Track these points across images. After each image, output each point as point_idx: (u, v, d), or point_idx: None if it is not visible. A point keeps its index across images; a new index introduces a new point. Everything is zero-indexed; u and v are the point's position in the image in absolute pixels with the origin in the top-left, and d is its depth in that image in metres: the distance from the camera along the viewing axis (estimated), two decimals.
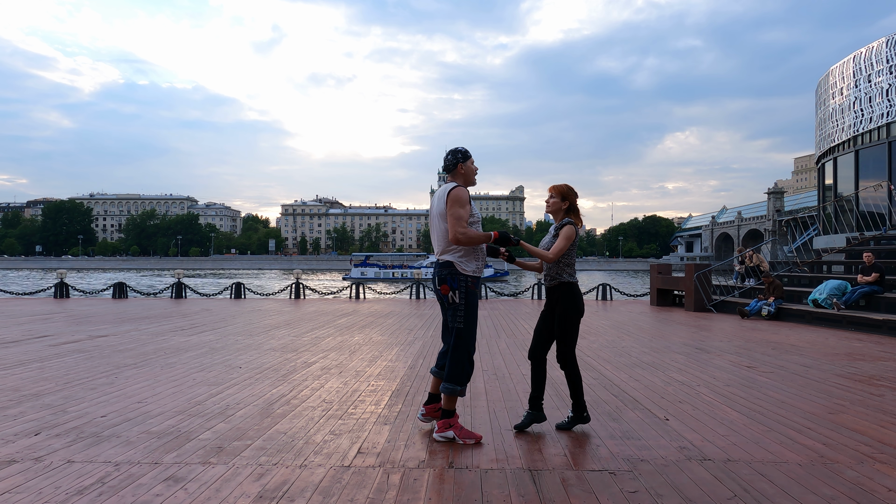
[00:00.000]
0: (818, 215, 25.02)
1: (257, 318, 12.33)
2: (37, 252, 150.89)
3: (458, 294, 4.04)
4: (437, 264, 4.15)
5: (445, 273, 4.06)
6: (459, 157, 4.16)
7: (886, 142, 21.20)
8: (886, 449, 3.94)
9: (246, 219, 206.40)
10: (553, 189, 4.41)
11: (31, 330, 10.04)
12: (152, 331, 10.01)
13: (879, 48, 22.03)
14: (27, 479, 3.28)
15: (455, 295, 4.04)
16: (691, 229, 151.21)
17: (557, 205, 4.36)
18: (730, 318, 13.24)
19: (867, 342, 9.41)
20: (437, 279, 4.10)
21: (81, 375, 6.13)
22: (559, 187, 4.40)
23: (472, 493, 3.14)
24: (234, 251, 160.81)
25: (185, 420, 4.48)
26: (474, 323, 4.11)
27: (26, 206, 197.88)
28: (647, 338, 9.71)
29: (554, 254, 4.18)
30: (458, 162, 4.16)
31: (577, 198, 4.41)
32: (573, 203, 4.38)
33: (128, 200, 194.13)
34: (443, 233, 4.07)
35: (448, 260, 4.07)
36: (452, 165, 4.18)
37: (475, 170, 4.25)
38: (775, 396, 5.45)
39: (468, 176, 4.20)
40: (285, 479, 3.30)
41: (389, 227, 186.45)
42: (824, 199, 25.89)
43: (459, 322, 4.05)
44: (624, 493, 3.17)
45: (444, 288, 4.05)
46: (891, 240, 16.05)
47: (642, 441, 4.07)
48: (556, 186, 4.41)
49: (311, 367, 6.74)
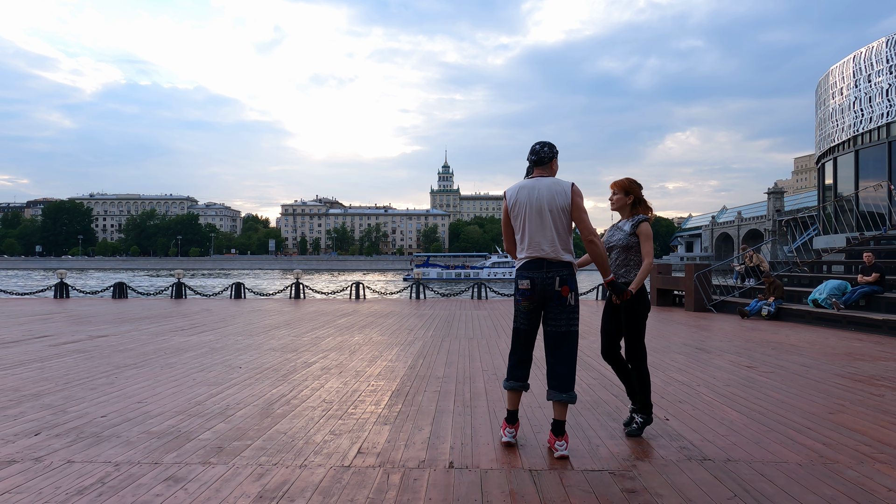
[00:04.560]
0: (818, 215, 25.02)
1: (257, 319, 12.33)
2: (37, 252, 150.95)
3: (574, 296, 3.83)
4: (548, 263, 3.79)
5: (566, 273, 3.78)
6: (556, 151, 3.90)
7: (886, 142, 21.19)
8: (886, 449, 3.94)
9: (246, 219, 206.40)
10: (615, 185, 4.28)
11: (31, 330, 10.04)
12: (152, 331, 10.01)
13: (879, 48, 22.03)
14: (27, 479, 3.28)
15: (572, 297, 3.82)
16: (691, 229, 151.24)
17: (622, 201, 4.25)
18: (730, 318, 13.24)
19: (867, 342, 9.40)
20: (558, 279, 3.77)
21: (81, 375, 6.13)
22: (621, 182, 4.27)
23: (472, 493, 3.14)
24: (234, 251, 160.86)
25: (185, 420, 4.48)
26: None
27: (26, 206, 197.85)
28: (647, 338, 9.68)
29: (649, 258, 4.09)
30: (553, 155, 3.90)
31: (642, 189, 4.27)
32: (638, 196, 4.24)
33: (128, 200, 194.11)
34: (564, 229, 3.80)
35: (569, 261, 3.82)
36: (548, 158, 3.88)
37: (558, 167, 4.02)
38: (775, 396, 5.45)
39: (555, 172, 3.95)
40: (285, 479, 3.30)
41: (389, 227, 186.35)
42: (824, 199, 25.88)
43: (575, 325, 3.84)
44: (624, 493, 3.17)
45: (565, 289, 3.77)
46: (891, 240, 16.05)
47: (642, 441, 4.07)
48: (618, 182, 4.28)
49: (311, 367, 6.74)
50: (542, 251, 3.79)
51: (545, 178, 3.85)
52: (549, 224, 3.78)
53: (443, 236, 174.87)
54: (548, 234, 3.78)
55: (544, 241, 3.79)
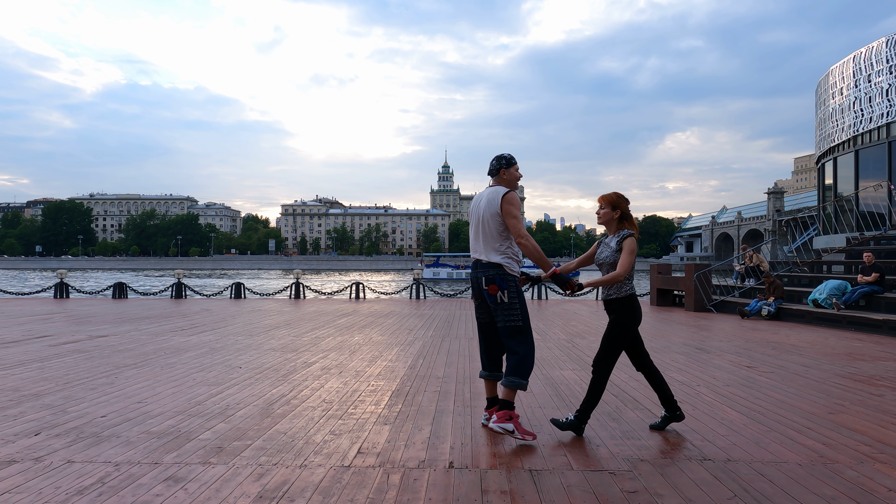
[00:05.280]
0: (818, 215, 25.01)
1: (257, 319, 12.33)
2: (37, 252, 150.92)
3: (508, 293, 4.11)
4: (480, 264, 4.18)
5: (493, 273, 4.11)
6: (503, 163, 4.26)
7: (886, 142, 21.19)
8: (886, 449, 3.94)
9: (246, 219, 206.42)
10: (603, 199, 4.29)
11: (31, 330, 10.04)
12: (152, 331, 10.01)
13: (879, 48, 22.02)
14: (27, 479, 3.28)
15: (504, 295, 4.10)
16: (691, 229, 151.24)
17: (609, 215, 4.25)
18: (730, 318, 13.24)
19: (867, 342, 9.40)
20: (484, 279, 4.13)
21: (81, 375, 6.13)
22: (608, 197, 4.27)
23: (472, 493, 3.14)
24: (234, 251, 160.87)
25: (185, 420, 4.48)
26: (529, 318, 4.20)
27: (26, 206, 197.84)
28: (647, 338, 9.70)
29: (624, 271, 4.08)
30: (500, 167, 4.26)
31: (629, 204, 4.29)
32: (625, 211, 4.25)
33: (128, 200, 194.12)
34: (492, 234, 4.13)
35: (497, 262, 4.12)
36: (496, 170, 4.27)
37: (518, 176, 4.32)
38: (775, 396, 5.45)
39: (511, 181, 4.28)
40: (285, 479, 3.30)
41: (389, 227, 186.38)
42: (824, 199, 25.88)
43: (517, 320, 4.12)
44: (624, 493, 3.17)
45: (492, 288, 4.10)
46: (891, 240, 16.05)
47: (642, 441, 4.07)
48: (605, 196, 4.28)
49: (311, 367, 6.74)
50: (477, 254, 4.24)
51: (489, 188, 4.28)
52: (481, 229, 4.19)
53: (443, 236, 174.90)
54: (480, 239, 4.21)
55: (477, 245, 4.23)
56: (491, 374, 4.35)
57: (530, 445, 3.96)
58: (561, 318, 13.06)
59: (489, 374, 4.36)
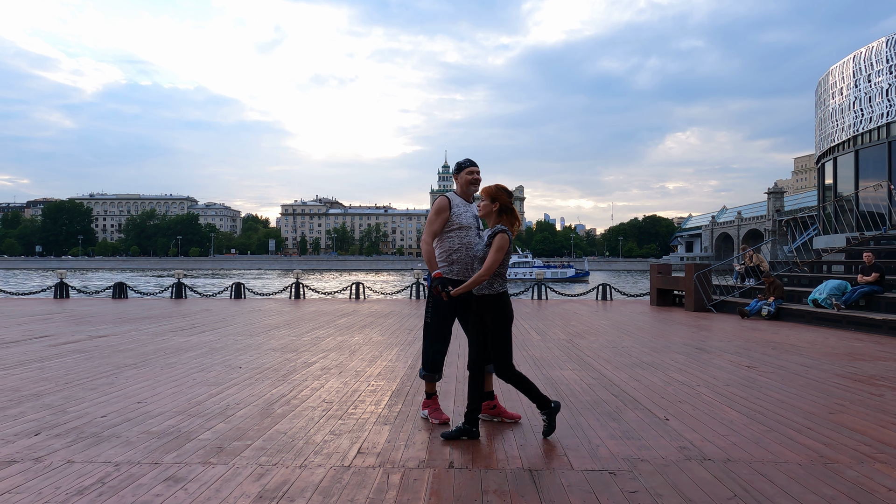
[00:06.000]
0: (818, 215, 25.02)
1: (257, 319, 12.33)
2: (37, 252, 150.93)
3: (428, 292, 4.50)
4: None
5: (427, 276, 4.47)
6: (455, 168, 4.63)
7: (886, 142, 21.20)
8: (886, 449, 3.94)
9: (246, 219, 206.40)
10: (483, 191, 4.17)
11: (31, 330, 10.04)
12: (152, 331, 10.01)
13: (879, 48, 22.03)
14: (27, 479, 3.28)
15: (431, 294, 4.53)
16: (691, 229, 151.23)
17: (488, 207, 4.10)
18: (730, 318, 13.24)
19: (867, 342, 9.40)
20: None
21: (81, 375, 6.13)
22: (488, 189, 4.14)
23: (472, 493, 3.14)
24: (234, 251, 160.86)
25: (185, 420, 4.48)
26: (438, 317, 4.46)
27: (26, 206, 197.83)
28: (647, 338, 9.71)
29: (487, 270, 3.92)
30: (456, 171, 4.63)
31: (510, 198, 4.13)
32: (504, 203, 4.09)
33: (128, 200, 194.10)
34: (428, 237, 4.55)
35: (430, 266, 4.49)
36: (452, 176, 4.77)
37: (468, 179, 4.51)
38: (775, 396, 5.45)
39: (462, 184, 4.56)
40: (285, 479, 3.30)
41: (389, 227, 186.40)
42: (824, 199, 25.88)
43: (427, 317, 4.55)
44: (624, 493, 3.17)
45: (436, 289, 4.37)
46: (891, 240, 16.05)
47: (642, 441, 4.07)
48: (486, 188, 4.16)
49: (311, 368, 6.74)
50: None
51: None
52: None
53: None
54: None
55: None
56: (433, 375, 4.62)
57: (530, 445, 3.96)
58: (561, 318, 13.06)
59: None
